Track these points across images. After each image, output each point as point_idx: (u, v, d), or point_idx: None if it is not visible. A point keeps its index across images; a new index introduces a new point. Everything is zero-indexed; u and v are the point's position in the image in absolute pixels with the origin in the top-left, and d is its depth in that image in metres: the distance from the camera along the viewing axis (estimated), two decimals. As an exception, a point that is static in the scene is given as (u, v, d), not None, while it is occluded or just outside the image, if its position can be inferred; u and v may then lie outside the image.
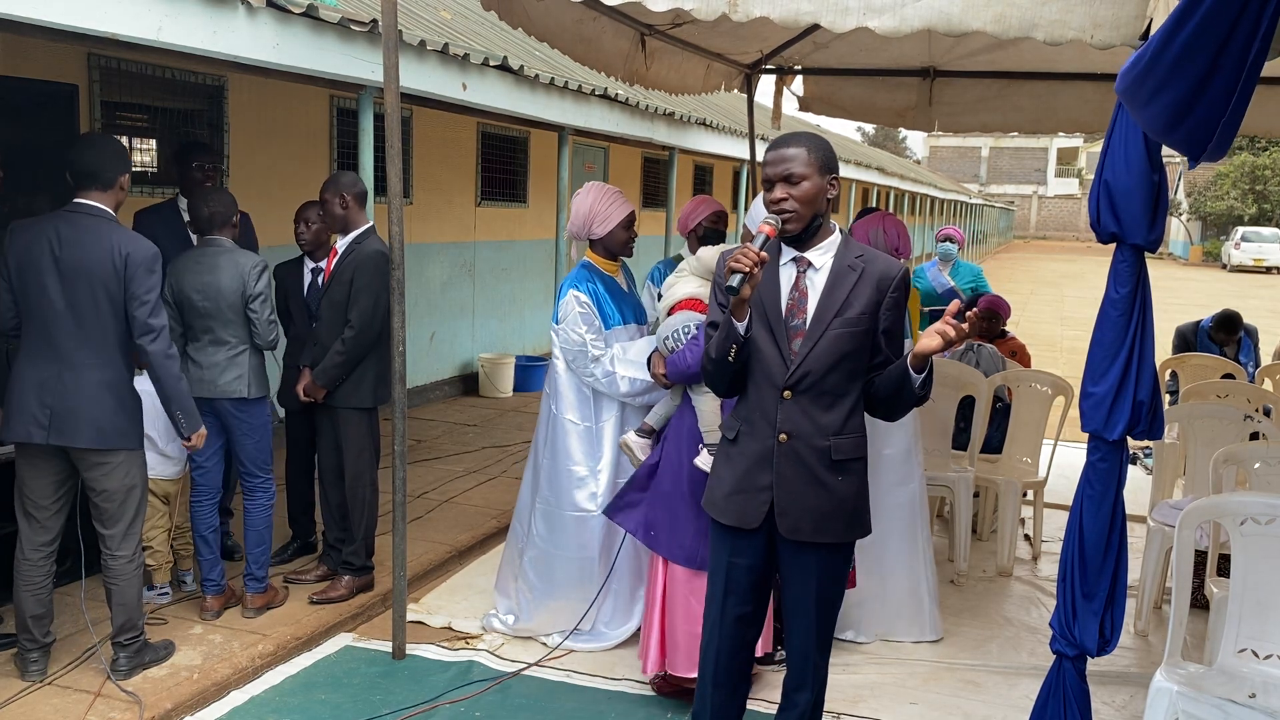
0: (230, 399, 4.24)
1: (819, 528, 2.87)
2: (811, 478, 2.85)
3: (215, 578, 4.38)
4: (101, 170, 3.63)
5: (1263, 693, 3.17)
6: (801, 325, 2.85)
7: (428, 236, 8.82)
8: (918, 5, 3.05)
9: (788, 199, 2.80)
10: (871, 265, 2.87)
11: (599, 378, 4.13)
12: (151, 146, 6.54)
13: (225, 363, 4.23)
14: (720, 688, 3.09)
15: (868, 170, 19.09)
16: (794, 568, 2.94)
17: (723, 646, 3.04)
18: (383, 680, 4.04)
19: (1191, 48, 2.04)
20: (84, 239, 3.59)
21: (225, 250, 4.26)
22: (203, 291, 4.19)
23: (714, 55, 6.32)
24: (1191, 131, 2.21)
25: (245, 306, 4.23)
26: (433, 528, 5.62)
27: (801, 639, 2.99)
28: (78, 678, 3.81)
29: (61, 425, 3.60)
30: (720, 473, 2.98)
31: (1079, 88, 6.59)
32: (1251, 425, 4.97)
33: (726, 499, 2.94)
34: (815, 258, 2.88)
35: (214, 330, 4.22)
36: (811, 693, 3.03)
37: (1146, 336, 2.88)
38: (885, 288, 2.85)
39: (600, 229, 4.18)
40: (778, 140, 2.87)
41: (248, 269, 4.23)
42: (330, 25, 4.89)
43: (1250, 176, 42.16)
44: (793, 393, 2.83)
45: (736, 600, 3.00)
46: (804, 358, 2.82)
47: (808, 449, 2.84)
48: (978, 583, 5.34)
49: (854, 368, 2.86)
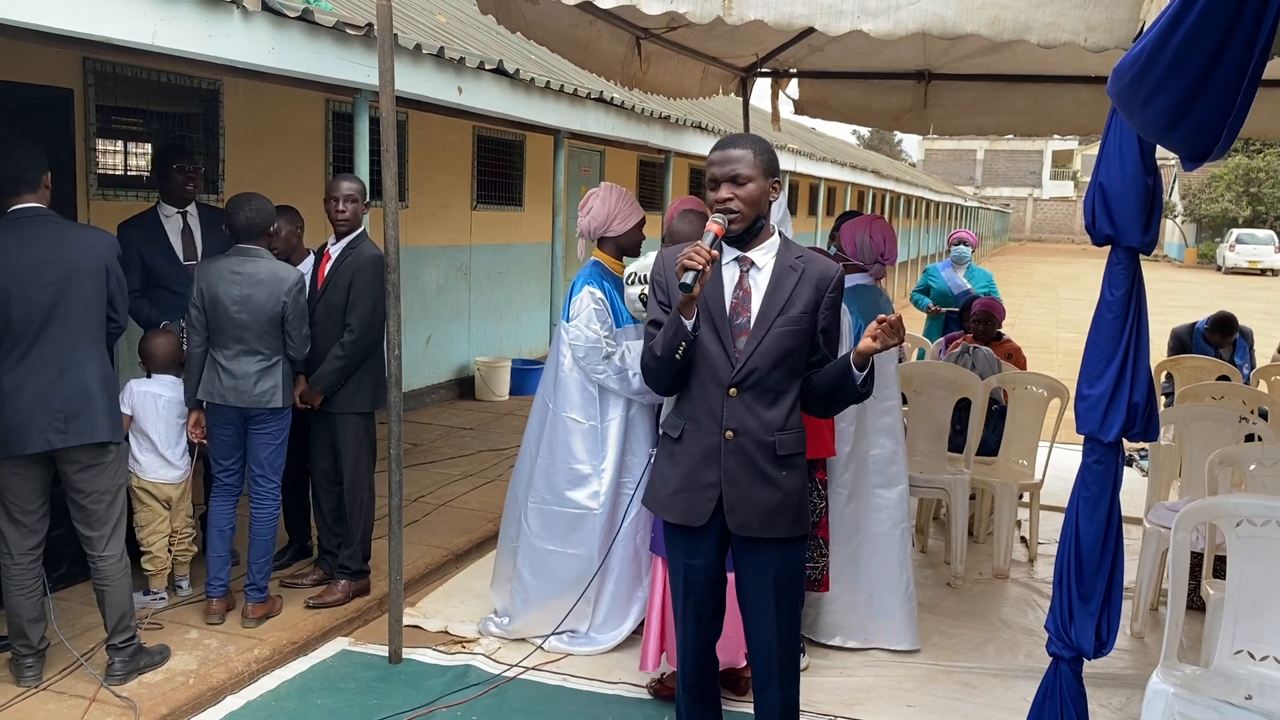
0: (265, 409, 4.26)
1: (767, 522, 2.91)
2: (758, 473, 2.89)
3: (224, 578, 4.37)
4: (25, 173, 3.64)
5: (1259, 694, 3.17)
6: (746, 324, 2.90)
7: (424, 240, 8.82)
8: (912, 8, 3.06)
9: (733, 199, 2.85)
10: (811, 266, 2.93)
11: (610, 375, 4.13)
12: (147, 151, 6.53)
13: (259, 373, 4.24)
14: (689, 689, 3.16)
15: (863, 173, 19.10)
16: (748, 564, 2.98)
17: (688, 647, 3.10)
18: (379, 684, 4.03)
19: (1188, 48, 2.04)
20: (54, 239, 3.60)
21: (265, 262, 4.26)
22: (242, 304, 4.19)
23: (709, 59, 6.33)
24: (1190, 133, 2.21)
25: (283, 321, 4.25)
26: (429, 531, 5.61)
27: (763, 634, 3.01)
28: (73, 683, 3.80)
29: (78, 424, 3.61)
30: (664, 471, 3.02)
31: (1074, 90, 6.60)
32: (1247, 427, 4.97)
33: (671, 497, 2.97)
34: (758, 257, 2.94)
35: (248, 341, 4.22)
36: (780, 692, 3.03)
37: (1141, 339, 2.88)
38: (824, 288, 2.92)
39: (619, 228, 4.24)
40: (724, 141, 2.93)
41: (289, 285, 4.25)
42: (325, 29, 4.89)
43: (1245, 179, 42.27)
44: (738, 390, 2.88)
45: (696, 601, 3.04)
46: (749, 355, 2.87)
47: (754, 445, 2.88)
48: (974, 585, 5.34)
49: (795, 365, 2.92)
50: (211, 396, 4.24)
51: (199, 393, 4.27)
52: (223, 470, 4.36)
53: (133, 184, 6.28)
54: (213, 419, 4.31)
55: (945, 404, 5.58)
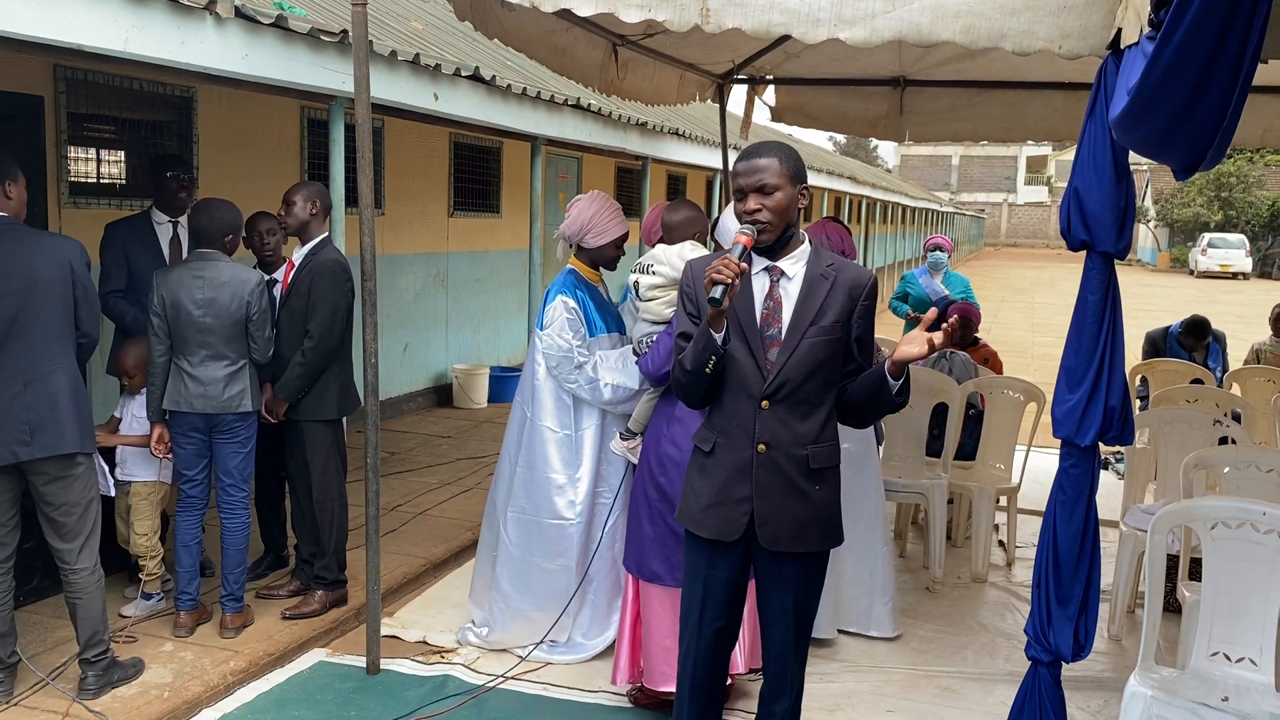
0: (233, 413, 4.22)
1: (798, 537, 2.86)
2: (791, 487, 2.84)
3: (192, 592, 4.32)
4: None
5: (1235, 696, 3.19)
6: (777, 335, 2.84)
7: (400, 247, 8.78)
8: (888, 16, 3.07)
9: (761, 209, 2.81)
10: (843, 274, 2.88)
11: (582, 384, 4.11)
12: (120, 158, 6.47)
13: (227, 378, 4.20)
14: (697, 700, 3.08)
15: (839, 179, 19.18)
16: (772, 578, 2.93)
17: (700, 659, 3.03)
18: (357, 696, 4.00)
19: (1180, 61, 2.04)
20: (17, 248, 3.55)
21: (225, 266, 4.22)
22: (204, 307, 4.14)
23: (686, 65, 6.34)
24: (1185, 146, 2.23)
25: (247, 323, 4.21)
26: (407, 540, 5.57)
27: (780, 648, 2.98)
28: (44, 699, 3.74)
29: (44, 436, 3.55)
30: (696, 485, 2.96)
31: (1048, 96, 6.66)
32: (1221, 430, 5.02)
33: (704, 511, 2.91)
34: (788, 267, 2.89)
35: (213, 345, 4.18)
36: (789, 701, 3.03)
37: (1117, 343, 2.90)
38: (857, 295, 2.86)
39: (593, 241, 4.19)
40: (749, 150, 2.87)
41: (251, 286, 4.22)
42: (300, 36, 4.86)
43: (1216, 184, 42.76)
44: (770, 402, 2.82)
45: (714, 613, 2.98)
46: (781, 367, 2.81)
47: (786, 459, 2.83)
48: (953, 589, 5.35)
49: (829, 376, 2.86)
50: (178, 405, 4.18)
51: (165, 402, 4.20)
52: (187, 482, 4.29)
53: (105, 192, 6.22)
54: (177, 428, 4.24)
55: (923, 409, 5.60)
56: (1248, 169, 42.51)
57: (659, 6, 3.25)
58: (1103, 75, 2.82)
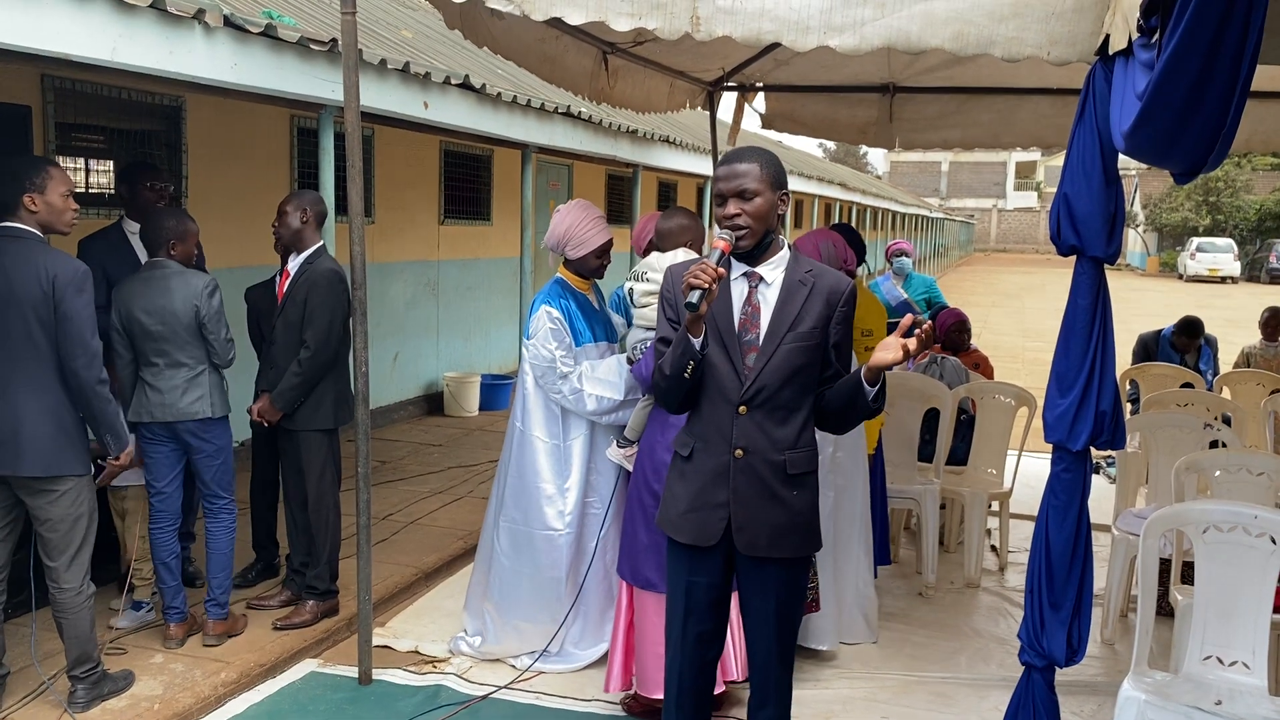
0: (194, 420, 4.17)
1: (775, 542, 2.86)
2: (768, 493, 2.84)
3: (178, 605, 4.29)
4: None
5: (1228, 699, 3.19)
6: (755, 340, 2.84)
7: (391, 256, 8.77)
8: (877, 24, 3.08)
9: (741, 214, 2.80)
10: (821, 280, 2.87)
11: (566, 395, 4.10)
12: (108, 168, 6.45)
13: (185, 384, 4.16)
14: (684, 708, 3.07)
15: (829, 186, 19.23)
16: (753, 583, 2.93)
17: (686, 667, 3.02)
18: (349, 706, 3.98)
19: (1177, 66, 2.05)
20: (6, 263, 3.50)
21: (173, 272, 4.18)
22: (154, 314, 4.11)
23: (676, 73, 6.34)
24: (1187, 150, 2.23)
25: (200, 327, 4.17)
26: (398, 550, 5.55)
27: (763, 655, 2.97)
28: (34, 712, 3.72)
29: (2, 454, 3.50)
30: (675, 490, 2.96)
31: (1036, 102, 6.68)
32: (1211, 433, 5.03)
33: (682, 516, 2.92)
34: (767, 273, 2.88)
35: (169, 353, 4.15)
36: (776, 708, 3.01)
37: (1108, 348, 2.91)
38: (835, 302, 2.86)
39: (574, 252, 4.17)
40: (730, 155, 2.87)
41: (199, 289, 4.17)
42: (289, 45, 4.85)
43: (1204, 189, 43.00)
44: (748, 408, 2.82)
45: (697, 619, 2.97)
46: (759, 373, 2.81)
47: (763, 464, 2.83)
48: (946, 595, 5.35)
49: (807, 382, 2.87)
50: (140, 416, 4.15)
51: (129, 414, 4.14)
52: (157, 494, 4.25)
53: (94, 201, 6.20)
54: (143, 439, 4.20)
55: (914, 414, 5.60)
56: (1235, 174, 42.78)
57: (649, 15, 3.26)
58: (1091, 81, 2.83)
